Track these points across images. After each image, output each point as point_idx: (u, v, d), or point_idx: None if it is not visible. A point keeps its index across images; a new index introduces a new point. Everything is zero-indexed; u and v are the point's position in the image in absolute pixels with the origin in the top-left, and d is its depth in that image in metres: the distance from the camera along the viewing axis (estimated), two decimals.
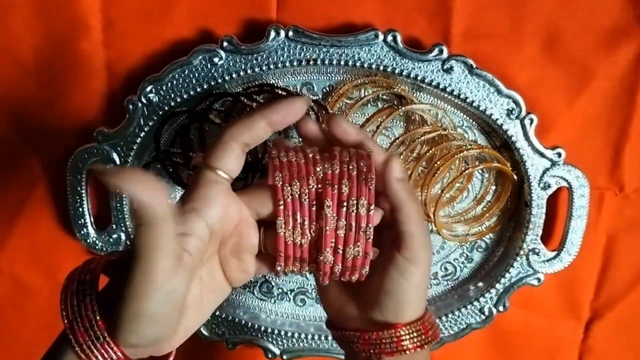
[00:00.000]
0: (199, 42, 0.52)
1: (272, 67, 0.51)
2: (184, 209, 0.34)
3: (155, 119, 0.53)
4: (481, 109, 0.52)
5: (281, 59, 0.51)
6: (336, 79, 0.54)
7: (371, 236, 0.36)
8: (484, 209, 0.57)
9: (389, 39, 0.50)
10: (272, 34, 0.50)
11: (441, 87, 0.51)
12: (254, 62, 0.51)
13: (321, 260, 0.36)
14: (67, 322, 0.34)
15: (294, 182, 0.36)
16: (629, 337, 0.61)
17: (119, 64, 0.54)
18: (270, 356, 0.59)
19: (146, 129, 0.53)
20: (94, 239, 0.56)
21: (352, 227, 0.36)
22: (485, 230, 0.58)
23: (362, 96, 0.54)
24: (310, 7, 0.52)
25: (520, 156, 0.53)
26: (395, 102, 0.54)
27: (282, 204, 0.36)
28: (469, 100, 0.52)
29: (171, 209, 0.31)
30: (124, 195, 0.34)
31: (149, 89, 0.52)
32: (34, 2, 0.52)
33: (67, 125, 0.56)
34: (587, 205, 0.55)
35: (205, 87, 0.52)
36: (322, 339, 0.59)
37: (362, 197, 0.36)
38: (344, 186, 0.36)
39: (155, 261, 0.31)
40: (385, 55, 0.51)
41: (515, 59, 0.53)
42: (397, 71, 0.51)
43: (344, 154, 0.37)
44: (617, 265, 0.59)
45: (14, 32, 0.53)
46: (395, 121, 0.55)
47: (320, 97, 0.54)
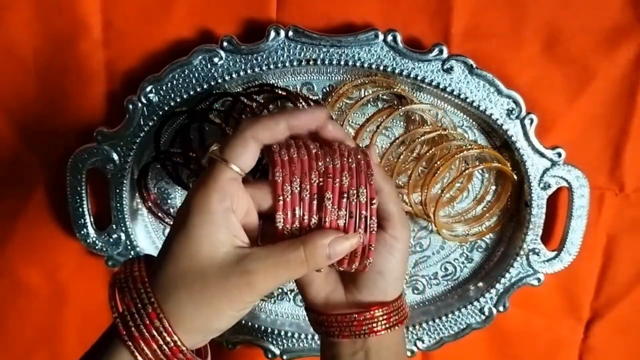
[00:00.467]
0: (199, 42, 0.52)
1: (272, 67, 0.51)
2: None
3: (155, 119, 0.53)
4: (481, 109, 0.52)
5: (281, 59, 0.51)
6: (336, 79, 0.54)
7: (375, 229, 0.37)
8: (484, 209, 0.57)
9: (389, 39, 0.50)
10: (272, 34, 0.50)
11: (441, 87, 0.51)
12: (254, 62, 0.51)
13: None
14: (118, 317, 0.34)
15: (294, 179, 0.36)
16: (629, 337, 0.61)
17: (118, 64, 0.54)
18: (270, 356, 0.59)
19: (146, 129, 0.53)
20: (94, 239, 0.56)
21: (353, 214, 0.36)
22: (485, 230, 0.58)
23: (362, 96, 0.54)
24: (310, 7, 0.52)
25: (520, 156, 0.53)
26: (395, 102, 0.54)
27: (281, 199, 0.36)
28: (469, 100, 0.52)
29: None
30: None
31: (149, 89, 0.52)
32: (34, 2, 0.52)
33: (67, 125, 0.56)
34: (587, 205, 0.55)
35: (205, 87, 0.52)
36: None
37: (362, 187, 0.37)
38: (344, 178, 0.36)
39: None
40: (385, 55, 0.51)
41: (515, 59, 0.53)
42: (397, 71, 0.51)
43: (343, 148, 0.38)
44: (617, 265, 0.59)
45: (14, 32, 0.53)
46: (395, 121, 0.55)
47: (320, 97, 0.54)
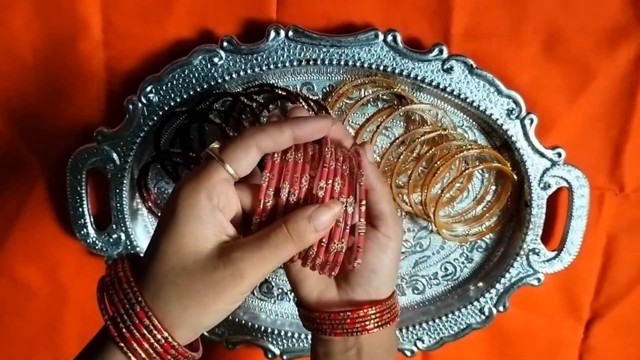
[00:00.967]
0: (199, 42, 0.52)
1: (272, 67, 0.51)
2: None
3: (155, 119, 0.53)
4: (481, 109, 0.52)
5: (281, 59, 0.51)
6: (336, 79, 0.54)
7: (363, 231, 0.38)
8: (484, 209, 0.57)
9: (389, 39, 0.50)
10: (272, 34, 0.50)
11: (441, 87, 0.51)
12: (254, 62, 0.51)
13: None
14: (108, 319, 0.34)
15: (283, 185, 0.36)
16: (629, 337, 0.61)
17: (118, 64, 0.54)
18: (270, 356, 0.59)
19: (146, 129, 0.53)
20: (94, 239, 0.56)
21: (339, 223, 0.36)
22: (485, 230, 0.58)
23: (362, 96, 0.54)
24: (310, 7, 0.52)
25: (520, 156, 0.53)
26: (395, 102, 0.54)
27: (261, 204, 0.36)
28: (469, 100, 0.52)
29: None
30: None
31: (149, 89, 0.52)
32: (34, 2, 0.52)
33: (67, 125, 0.56)
34: (587, 205, 0.55)
35: (205, 87, 0.52)
36: None
37: (351, 197, 0.36)
38: (336, 184, 0.36)
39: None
40: (385, 55, 0.51)
41: (515, 59, 0.53)
42: (397, 71, 0.51)
43: (339, 153, 0.37)
44: (617, 265, 0.59)
45: (14, 32, 0.53)
46: (395, 121, 0.55)
47: (320, 97, 0.54)
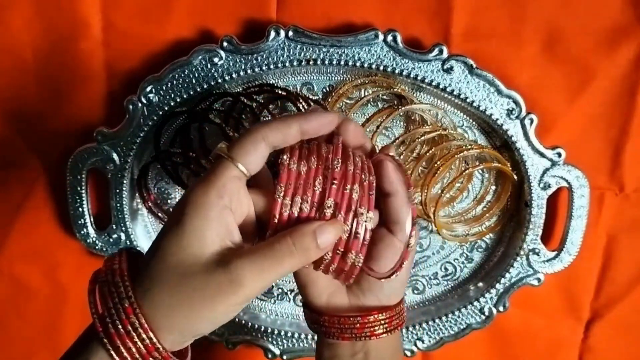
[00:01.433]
0: (199, 42, 0.52)
1: (272, 67, 0.51)
2: None
3: (155, 119, 0.53)
4: (481, 109, 0.52)
5: (281, 59, 0.51)
6: (336, 79, 0.54)
7: (367, 241, 0.36)
8: (484, 209, 0.57)
9: (389, 39, 0.50)
10: (272, 34, 0.50)
11: (441, 87, 0.51)
12: (254, 62, 0.51)
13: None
14: (98, 319, 0.33)
15: (296, 198, 0.35)
16: (629, 337, 0.61)
17: (118, 64, 0.54)
18: (270, 356, 0.59)
19: (146, 129, 0.53)
20: (94, 239, 0.56)
21: (359, 234, 0.36)
22: (485, 230, 0.58)
23: (362, 96, 0.54)
24: (310, 7, 0.52)
25: (520, 156, 0.53)
26: (395, 102, 0.54)
27: (277, 219, 0.35)
28: (469, 100, 0.52)
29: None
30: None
31: (149, 89, 0.52)
32: (34, 2, 0.52)
33: (67, 125, 0.56)
34: (587, 205, 0.55)
35: (205, 87, 0.52)
36: None
37: (371, 212, 0.36)
38: (354, 192, 0.35)
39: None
40: (385, 55, 0.51)
41: (515, 59, 0.53)
42: (397, 71, 0.51)
43: (357, 160, 0.37)
44: (617, 265, 0.59)
45: (14, 32, 0.53)
46: (395, 121, 0.55)
47: (320, 97, 0.54)
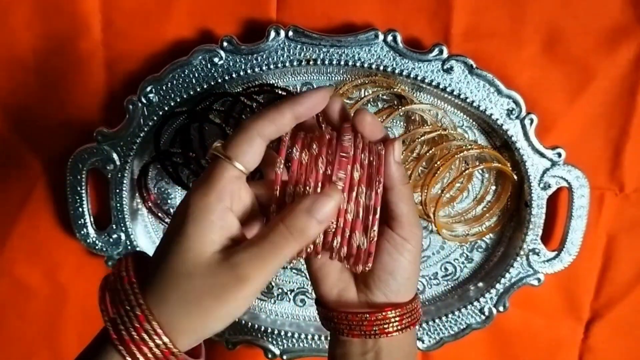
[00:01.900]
0: (199, 42, 0.52)
1: (272, 67, 0.51)
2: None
3: (155, 119, 0.53)
4: (481, 109, 0.52)
5: (281, 59, 0.51)
6: (336, 79, 0.54)
7: (375, 237, 0.36)
8: (484, 209, 0.57)
9: (389, 39, 0.50)
10: (272, 34, 0.50)
11: (441, 87, 0.51)
12: (254, 62, 0.51)
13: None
14: (109, 321, 0.33)
15: (298, 186, 0.35)
16: (629, 337, 0.61)
17: (118, 64, 0.54)
18: (270, 356, 0.59)
19: (146, 129, 0.53)
20: (94, 239, 0.56)
21: (360, 214, 0.36)
22: (485, 230, 0.58)
23: (362, 96, 0.54)
24: (310, 7, 0.52)
25: (520, 156, 0.53)
26: (395, 102, 0.54)
27: (277, 192, 0.35)
28: (469, 100, 0.52)
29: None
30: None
31: (149, 89, 0.52)
32: (34, 2, 0.52)
33: (67, 125, 0.56)
34: (587, 205, 0.55)
35: (205, 87, 0.52)
36: (322, 339, 0.59)
37: (370, 190, 0.36)
38: (355, 172, 0.35)
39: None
40: (385, 55, 0.51)
41: (515, 59, 0.53)
42: (397, 71, 0.51)
43: (357, 141, 0.37)
44: (617, 265, 0.59)
45: (14, 32, 0.53)
46: (395, 121, 0.55)
47: None
